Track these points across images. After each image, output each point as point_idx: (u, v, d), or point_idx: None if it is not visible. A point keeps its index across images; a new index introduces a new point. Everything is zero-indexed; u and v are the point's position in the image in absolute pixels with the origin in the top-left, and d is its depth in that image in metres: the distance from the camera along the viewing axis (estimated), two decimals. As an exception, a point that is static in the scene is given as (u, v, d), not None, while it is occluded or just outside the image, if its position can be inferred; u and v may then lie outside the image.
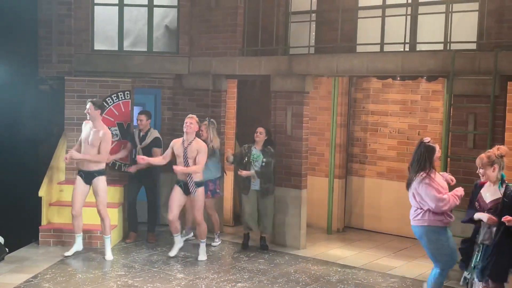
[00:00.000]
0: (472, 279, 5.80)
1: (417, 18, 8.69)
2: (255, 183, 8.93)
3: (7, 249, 8.46)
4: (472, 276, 5.80)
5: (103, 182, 8.39)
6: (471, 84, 7.59)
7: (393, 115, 10.19)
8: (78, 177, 8.43)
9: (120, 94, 9.71)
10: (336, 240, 9.85)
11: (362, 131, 10.51)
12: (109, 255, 8.41)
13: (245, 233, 9.21)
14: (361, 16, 9.26)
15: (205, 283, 7.53)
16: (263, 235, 9.15)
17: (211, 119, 9.24)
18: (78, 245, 8.56)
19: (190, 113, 8.63)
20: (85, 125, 8.50)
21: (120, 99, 9.71)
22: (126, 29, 10.46)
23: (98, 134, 8.25)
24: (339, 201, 10.44)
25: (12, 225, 9.39)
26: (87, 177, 8.36)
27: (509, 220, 5.45)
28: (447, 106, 8.02)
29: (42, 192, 8.91)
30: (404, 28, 8.51)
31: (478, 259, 5.73)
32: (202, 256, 8.51)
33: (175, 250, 8.56)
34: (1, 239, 8.47)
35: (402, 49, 8.67)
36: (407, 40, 8.56)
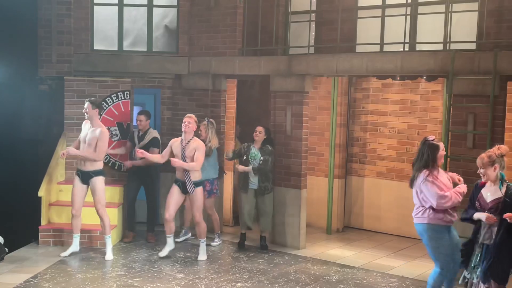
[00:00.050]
0: (472, 279, 5.80)
1: (417, 18, 8.69)
2: (254, 182, 8.94)
3: (7, 249, 8.45)
4: (472, 276, 5.80)
5: (100, 182, 8.38)
6: (471, 84, 7.59)
7: (393, 115, 10.19)
8: (76, 177, 8.45)
9: (120, 94, 9.71)
10: (336, 240, 9.85)
11: (362, 131, 10.51)
12: (109, 255, 8.41)
13: (242, 233, 9.22)
14: (361, 16, 9.27)
15: (205, 283, 7.53)
16: (263, 235, 9.15)
17: (210, 119, 9.24)
18: (75, 246, 8.55)
19: (189, 113, 8.63)
20: (85, 125, 8.50)
21: (120, 99, 9.71)
22: (126, 29, 10.46)
23: (95, 133, 8.26)
24: (339, 201, 10.44)
25: (12, 225, 9.41)
26: (84, 177, 8.37)
27: (510, 217, 5.44)
28: (447, 106, 8.03)
29: (42, 192, 8.91)
30: (404, 28, 8.51)
31: (478, 259, 5.73)
32: (202, 256, 8.51)
33: (166, 251, 8.50)
34: (1, 239, 8.47)
35: (402, 49, 8.67)
36: (407, 40, 8.56)
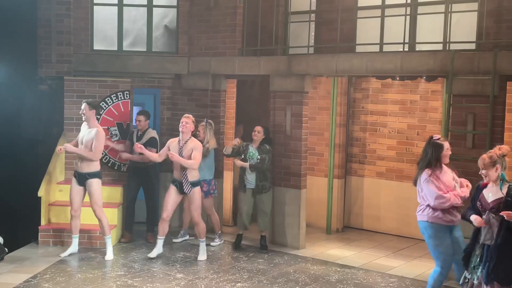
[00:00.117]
0: (473, 280, 5.79)
1: (417, 18, 8.69)
2: (251, 182, 8.94)
3: (7, 249, 8.45)
4: (473, 277, 5.79)
5: (96, 184, 8.35)
6: (470, 84, 7.59)
7: (392, 115, 10.19)
8: (73, 178, 8.47)
9: (120, 94, 9.71)
10: (335, 240, 9.86)
11: (361, 131, 10.51)
12: (109, 255, 8.40)
13: (239, 234, 9.20)
14: (361, 16, 9.27)
15: (205, 283, 7.53)
16: (263, 234, 9.14)
17: (209, 120, 9.23)
18: (74, 247, 8.55)
19: (189, 113, 8.62)
20: (84, 126, 8.51)
21: (120, 99, 9.71)
22: (126, 29, 10.46)
23: (91, 134, 8.27)
24: (339, 201, 10.44)
25: (12, 225, 9.41)
26: (80, 178, 8.37)
27: (508, 214, 5.42)
28: (446, 106, 8.03)
29: (42, 192, 8.91)
30: (404, 28, 8.51)
31: (479, 260, 5.71)
32: (202, 256, 8.51)
33: (155, 253, 8.46)
34: (1, 239, 8.47)
35: (402, 49, 8.67)
36: (407, 40, 8.56)
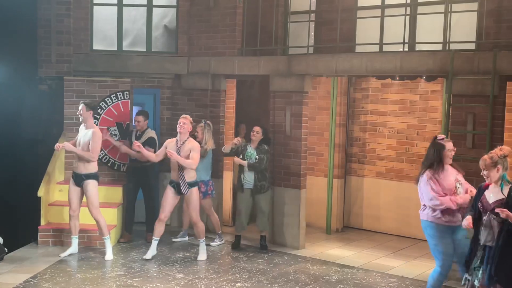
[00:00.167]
0: (473, 281, 5.78)
1: (416, 18, 8.69)
2: (249, 182, 8.93)
3: (6, 249, 8.45)
4: (473, 278, 5.78)
5: (92, 186, 8.34)
6: (470, 84, 7.59)
7: (392, 115, 10.19)
8: (71, 178, 8.48)
9: (119, 94, 9.71)
10: (335, 240, 9.86)
11: (361, 131, 10.51)
12: (109, 255, 8.40)
13: (237, 235, 9.18)
14: (360, 16, 9.27)
15: (205, 283, 7.53)
16: (262, 234, 9.14)
17: (207, 121, 9.22)
18: (74, 248, 8.55)
19: (188, 113, 8.62)
20: (82, 128, 8.51)
21: (119, 99, 9.71)
22: (125, 29, 10.46)
23: (88, 135, 8.27)
24: (338, 201, 10.44)
25: (11, 225, 9.41)
26: (77, 179, 8.38)
27: (502, 211, 5.41)
28: (446, 106, 8.02)
29: (41, 192, 8.91)
30: (403, 28, 8.51)
31: (479, 261, 5.70)
32: (202, 256, 8.50)
33: (150, 255, 8.44)
34: (0, 239, 8.47)
35: (401, 49, 8.68)
36: (406, 40, 8.56)
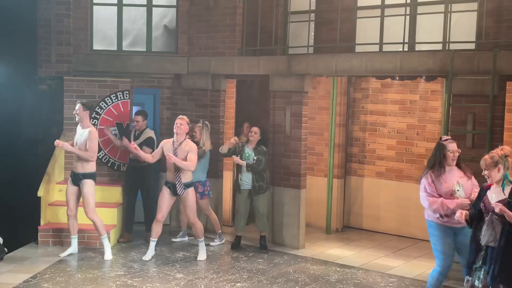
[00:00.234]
0: (473, 281, 5.77)
1: (416, 18, 8.70)
2: (247, 182, 8.92)
3: (6, 249, 8.45)
4: (474, 278, 5.77)
5: (89, 186, 8.33)
6: (470, 84, 7.59)
7: (392, 115, 10.18)
8: (69, 178, 8.49)
9: (119, 94, 9.71)
10: (335, 240, 9.86)
11: (361, 131, 10.51)
12: (108, 255, 8.40)
13: (237, 235, 9.18)
14: (360, 16, 9.27)
15: (204, 283, 7.53)
16: (262, 234, 9.14)
17: (205, 122, 9.21)
18: (73, 248, 8.55)
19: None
20: (78, 128, 8.51)
21: (119, 99, 9.71)
22: (125, 29, 10.46)
23: (84, 135, 8.27)
24: (338, 201, 10.44)
25: (11, 225, 9.41)
26: (75, 179, 8.38)
27: (497, 205, 5.39)
28: (446, 106, 8.03)
29: (41, 192, 8.91)
30: (403, 28, 8.51)
31: (481, 262, 5.68)
32: (202, 256, 8.50)
33: (149, 256, 8.43)
34: (0, 239, 8.47)
35: (401, 49, 8.68)
36: (406, 40, 8.56)
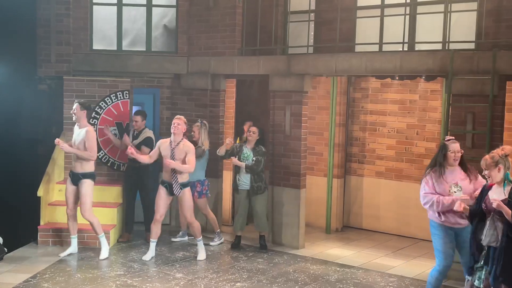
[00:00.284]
0: (473, 281, 5.77)
1: (416, 18, 8.70)
2: (245, 183, 8.92)
3: (6, 249, 8.45)
4: (473, 278, 5.77)
5: (88, 185, 8.33)
6: (470, 84, 7.60)
7: (392, 115, 10.19)
8: (68, 177, 8.49)
9: (119, 94, 9.71)
10: (335, 240, 9.86)
11: (361, 131, 10.51)
12: (104, 254, 8.36)
13: (237, 235, 9.18)
14: (360, 16, 9.28)
15: (204, 283, 7.53)
16: (262, 234, 9.14)
17: (203, 121, 9.21)
18: (73, 248, 8.55)
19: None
20: (76, 128, 8.51)
21: (119, 99, 9.71)
22: (125, 29, 10.46)
23: (82, 135, 8.27)
24: (338, 201, 10.44)
25: (11, 225, 9.41)
26: (74, 178, 8.38)
27: (495, 200, 5.39)
28: (446, 106, 8.03)
29: (41, 192, 8.91)
30: (403, 28, 8.52)
31: (483, 262, 5.68)
32: (201, 255, 8.50)
33: (149, 256, 8.43)
34: (0, 239, 8.47)
35: (401, 49, 8.69)
36: (406, 40, 8.57)
